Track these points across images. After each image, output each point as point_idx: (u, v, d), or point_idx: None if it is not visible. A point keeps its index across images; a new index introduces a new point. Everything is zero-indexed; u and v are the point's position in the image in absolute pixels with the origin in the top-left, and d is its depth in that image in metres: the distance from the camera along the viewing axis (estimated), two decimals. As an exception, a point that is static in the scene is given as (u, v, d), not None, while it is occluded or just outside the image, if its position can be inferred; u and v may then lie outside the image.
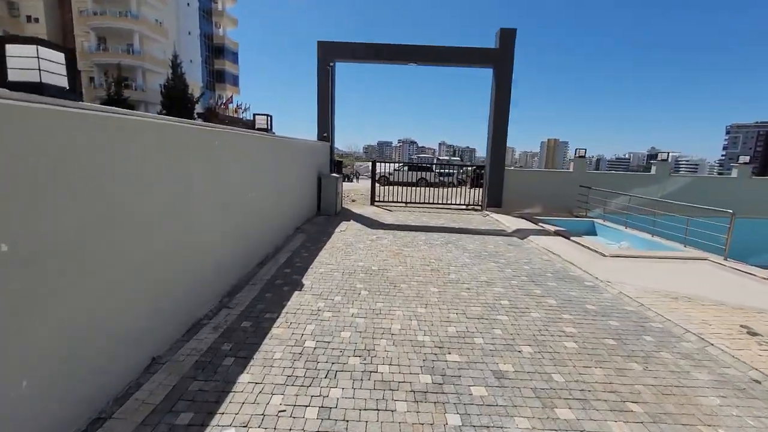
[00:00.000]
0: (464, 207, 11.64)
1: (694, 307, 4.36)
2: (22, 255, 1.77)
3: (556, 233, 8.31)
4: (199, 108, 30.83)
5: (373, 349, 3.18)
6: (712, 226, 7.19)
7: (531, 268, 5.76)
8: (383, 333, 3.47)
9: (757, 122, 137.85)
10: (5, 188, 1.68)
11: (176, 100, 22.84)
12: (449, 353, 3.18)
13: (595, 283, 5.16)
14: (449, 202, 12.07)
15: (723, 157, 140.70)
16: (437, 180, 18.94)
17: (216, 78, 51.68)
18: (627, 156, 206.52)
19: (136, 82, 30.04)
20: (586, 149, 11.10)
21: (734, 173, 11.46)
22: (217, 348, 3.08)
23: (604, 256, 6.51)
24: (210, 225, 3.78)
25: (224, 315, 3.66)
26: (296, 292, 4.32)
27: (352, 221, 8.79)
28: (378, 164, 12.21)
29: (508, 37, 10.25)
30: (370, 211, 10.36)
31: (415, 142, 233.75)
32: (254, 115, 5.79)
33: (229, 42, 51.99)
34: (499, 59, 10.37)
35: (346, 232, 7.65)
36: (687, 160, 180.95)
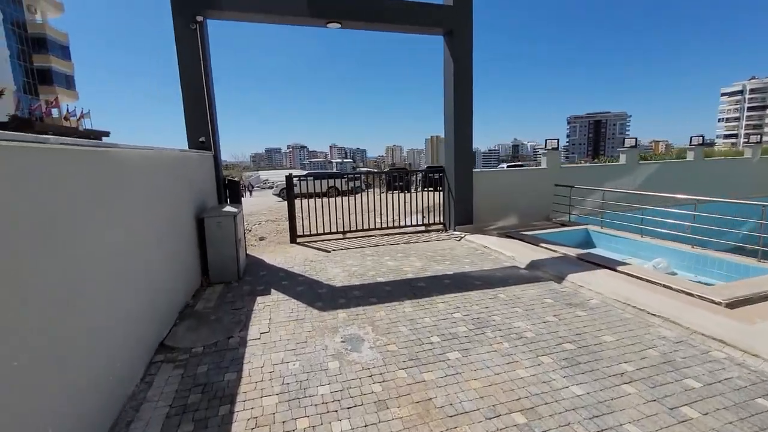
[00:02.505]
0: (423, 228, 8.48)
1: None
2: None
3: (583, 260, 5.69)
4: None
5: None
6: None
7: (697, 382, 2.79)
8: None
9: (587, 113, 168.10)
10: None
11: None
12: None
13: None
14: (400, 224, 8.78)
15: (567, 143, 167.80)
16: (349, 187, 15.92)
17: (39, 79, 39.48)
18: (496, 147, 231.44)
19: None
20: (559, 140, 8.96)
21: (690, 156, 10.63)
22: None
23: (716, 303, 3.99)
24: None
25: None
26: None
27: (274, 293, 4.80)
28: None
29: (463, -11, 7.37)
30: (296, 258, 6.42)
31: (306, 147, 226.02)
32: None
33: (54, 32, 40.36)
34: (454, 21, 7.43)
35: (271, 333, 3.71)
36: (541, 148, 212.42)
